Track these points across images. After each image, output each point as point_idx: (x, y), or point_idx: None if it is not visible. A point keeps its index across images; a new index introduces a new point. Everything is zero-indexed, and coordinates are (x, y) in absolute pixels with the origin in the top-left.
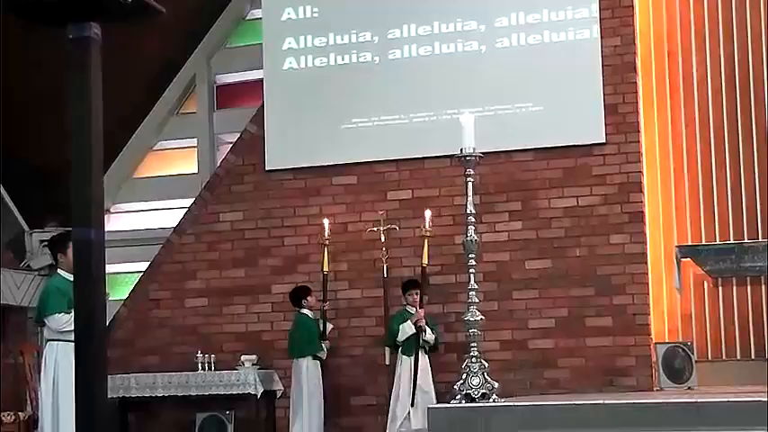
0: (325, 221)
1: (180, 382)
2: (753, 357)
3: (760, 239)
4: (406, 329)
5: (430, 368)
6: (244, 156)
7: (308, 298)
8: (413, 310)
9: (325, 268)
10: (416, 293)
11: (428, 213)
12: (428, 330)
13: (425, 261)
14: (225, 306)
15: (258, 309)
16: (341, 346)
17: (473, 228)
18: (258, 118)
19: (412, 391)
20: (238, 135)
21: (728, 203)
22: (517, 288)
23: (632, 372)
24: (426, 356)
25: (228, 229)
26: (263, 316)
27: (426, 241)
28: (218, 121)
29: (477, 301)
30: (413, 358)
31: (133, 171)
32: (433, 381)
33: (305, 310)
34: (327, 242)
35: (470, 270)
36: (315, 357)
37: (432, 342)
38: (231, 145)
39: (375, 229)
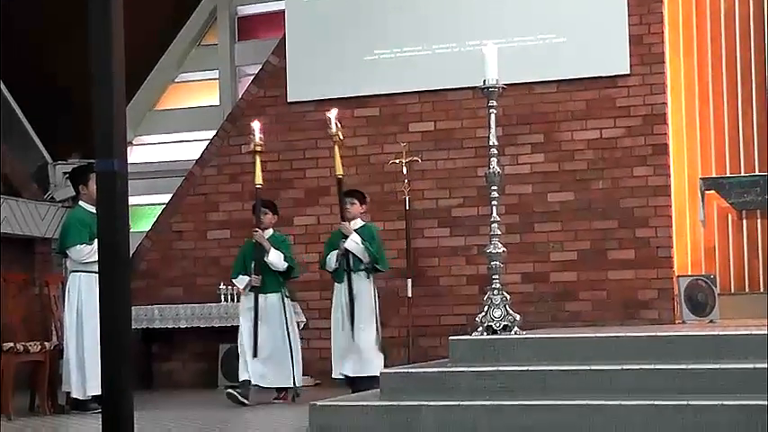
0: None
1: (203, 313)
2: None
3: None
4: (329, 262)
5: (375, 297)
6: (266, 88)
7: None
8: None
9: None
10: (352, 203)
11: (333, 113)
12: (356, 245)
13: (339, 171)
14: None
15: None
16: None
17: (496, 160)
18: (280, 49)
19: (350, 328)
20: (260, 67)
21: (754, 135)
22: (539, 220)
23: (654, 305)
24: (370, 281)
25: (250, 160)
26: None
27: (337, 148)
28: (240, 52)
29: (499, 233)
30: (344, 285)
31: (155, 103)
32: (379, 314)
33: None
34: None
35: (493, 202)
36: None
37: (368, 260)
38: (253, 77)
39: (397, 161)
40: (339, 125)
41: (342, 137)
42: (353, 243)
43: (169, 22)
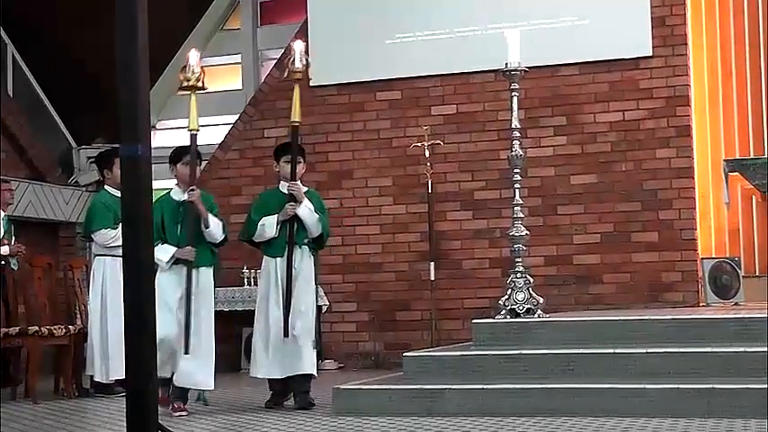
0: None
1: (226, 297)
2: None
3: None
4: (265, 229)
5: (314, 276)
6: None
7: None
8: (285, 188)
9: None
10: (298, 161)
11: (298, 45)
12: (310, 213)
13: (297, 117)
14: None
15: None
16: (385, 261)
17: (518, 143)
18: (302, 34)
19: (284, 315)
20: (282, 51)
21: None
22: (562, 203)
23: (678, 287)
24: (311, 260)
25: (273, 144)
26: None
27: (298, 89)
28: (263, 36)
29: (521, 216)
30: (283, 261)
31: (178, 87)
32: (318, 295)
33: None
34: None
35: (515, 185)
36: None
37: (315, 234)
38: (275, 61)
39: (419, 144)
40: (305, 61)
41: (309, 76)
42: (307, 210)
43: (192, 7)
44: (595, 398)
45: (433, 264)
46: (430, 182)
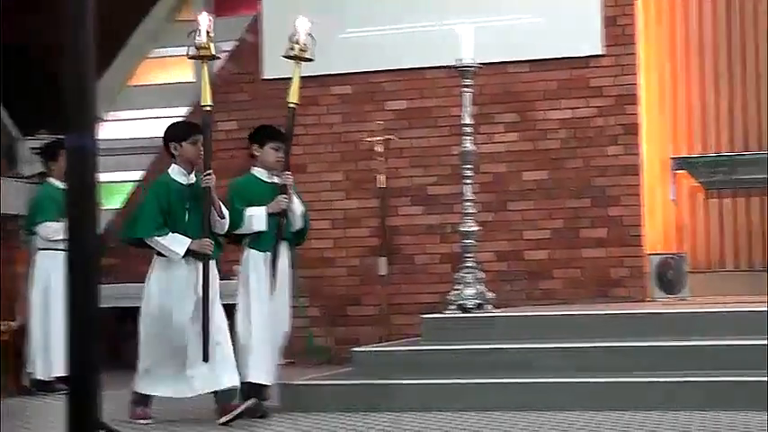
0: (203, 17)
1: None
2: (745, 269)
3: (754, 151)
4: (254, 222)
5: (291, 273)
6: (240, 64)
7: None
8: (265, 177)
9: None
10: (278, 148)
11: (302, 23)
12: (301, 208)
13: (295, 99)
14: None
15: None
16: (337, 256)
17: (470, 138)
18: (255, 26)
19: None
20: (235, 43)
21: (723, 115)
22: (513, 199)
23: (626, 283)
24: (288, 253)
25: (225, 138)
26: None
27: (298, 67)
28: (215, 29)
29: (473, 211)
30: (269, 257)
31: (129, 79)
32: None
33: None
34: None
35: (467, 181)
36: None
37: (298, 227)
38: (228, 53)
39: (371, 139)
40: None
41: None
42: (299, 204)
43: None
44: (545, 392)
45: (384, 259)
46: (382, 177)
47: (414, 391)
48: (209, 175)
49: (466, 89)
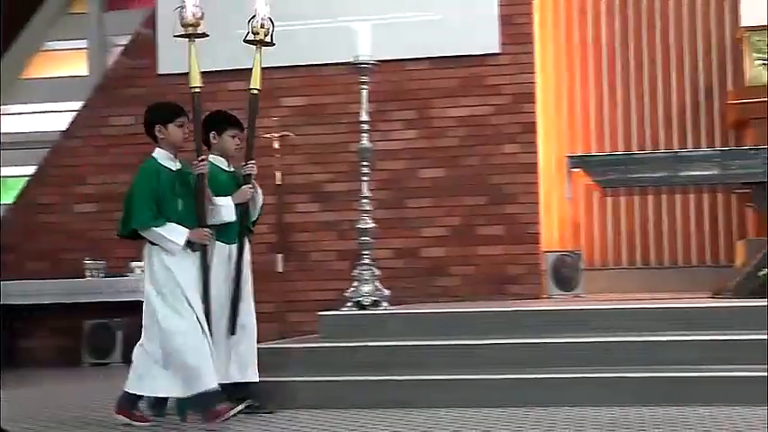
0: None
1: (67, 288)
2: (640, 266)
3: (648, 151)
4: (223, 212)
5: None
6: (136, 58)
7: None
8: (224, 166)
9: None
10: (235, 135)
11: (261, 6)
12: (260, 197)
13: (257, 85)
14: (115, 212)
15: None
16: None
17: (367, 135)
18: (150, 20)
19: (231, 311)
20: (130, 37)
21: (619, 115)
22: (411, 196)
23: (522, 280)
24: (248, 245)
25: (119, 133)
26: None
27: (260, 52)
28: (110, 22)
29: (369, 208)
30: (235, 247)
31: (21, 72)
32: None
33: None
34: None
35: (364, 178)
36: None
37: (255, 217)
38: (123, 47)
39: (268, 135)
40: (269, 23)
41: (273, 41)
42: (260, 194)
43: None
44: (441, 389)
45: (281, 255)
46: (279, 173)
47: (310, 388)
48: (203, 160)
49: (363, 86)
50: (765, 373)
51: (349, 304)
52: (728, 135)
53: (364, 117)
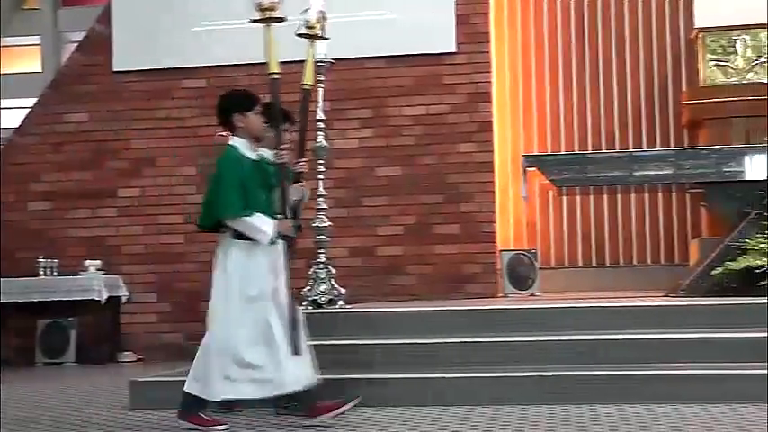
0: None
1: (21, 287)
2: (594, 265)
3: (603, 150)
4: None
5: None
6: (90, 55)
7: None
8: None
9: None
10: (286, 130)
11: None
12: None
13: (309, 80)
14: (70, 209)
15: (103, 213)
16: (188, 251)
17: (323, 134)
18: (105, 17)
19: (291, 314)
20: (85, 34)
21: (574, 114)
22: (367, 195)
23: (478, 279)
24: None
25: (74, 130)
26: (108, 220)
27: (312, 46)
28: (64, 18)
29: (325, 207)
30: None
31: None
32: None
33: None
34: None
35: (319, 176)
36: None
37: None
38: (77, 44)
39: (224, 133)
40: (322, 15)
41: (326, 35)
42: (307, 194)
43: None
44: (397, 387)
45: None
46: None
47: None
48: (285, 149)
49: (319, 84)
50: (717, 372)
51: (305, 303)
52: (683, 135)
53: (320, 115)
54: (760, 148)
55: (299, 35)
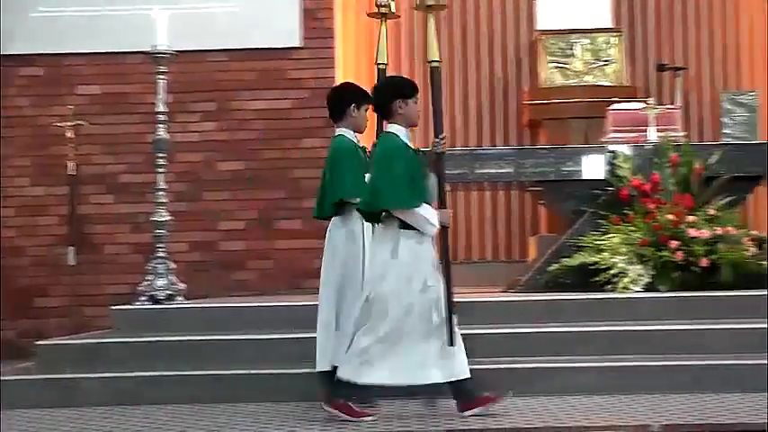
0: None
1: None
2: (489, 260)
3: (492, 146)
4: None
5: None
6: None
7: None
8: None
9: (433, 56)
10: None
11: None
12: None
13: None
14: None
15: None
16: (22, 245)
17: (164, 127)
18: None
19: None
20: None
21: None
22: (208, 189)
23: (319, 273)
24: None
25: None
26: None
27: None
28: None
29: (165, 201)
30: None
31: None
32: None
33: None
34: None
35: (160, 170)
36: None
37: None
38: None
39: (62, 124)
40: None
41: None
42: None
43: None
44: (237, 384)
45: (73, 248)
46: (72, 163)
47: (102, 384)
48: (444, 138)
49: (160, 76)
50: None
51: (143, 298)
52: (523, 134)
53: (161, 108)
54: (596, 149)
55: (370, 15)
